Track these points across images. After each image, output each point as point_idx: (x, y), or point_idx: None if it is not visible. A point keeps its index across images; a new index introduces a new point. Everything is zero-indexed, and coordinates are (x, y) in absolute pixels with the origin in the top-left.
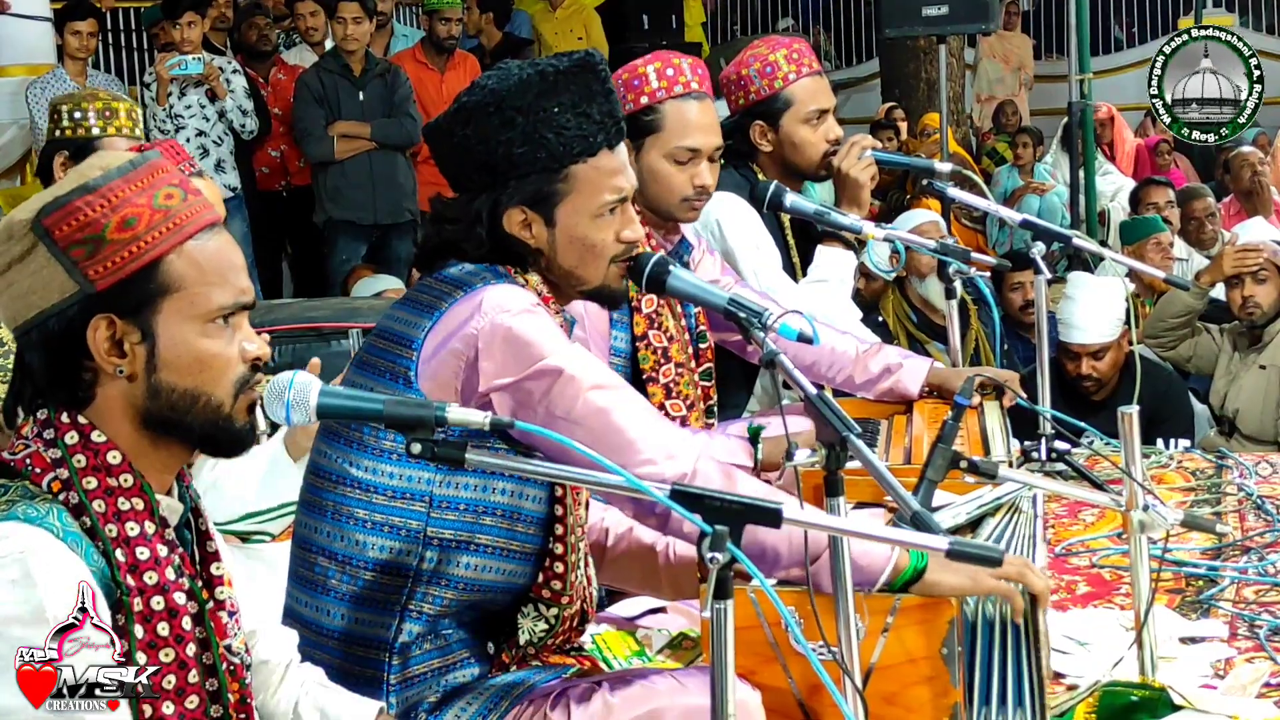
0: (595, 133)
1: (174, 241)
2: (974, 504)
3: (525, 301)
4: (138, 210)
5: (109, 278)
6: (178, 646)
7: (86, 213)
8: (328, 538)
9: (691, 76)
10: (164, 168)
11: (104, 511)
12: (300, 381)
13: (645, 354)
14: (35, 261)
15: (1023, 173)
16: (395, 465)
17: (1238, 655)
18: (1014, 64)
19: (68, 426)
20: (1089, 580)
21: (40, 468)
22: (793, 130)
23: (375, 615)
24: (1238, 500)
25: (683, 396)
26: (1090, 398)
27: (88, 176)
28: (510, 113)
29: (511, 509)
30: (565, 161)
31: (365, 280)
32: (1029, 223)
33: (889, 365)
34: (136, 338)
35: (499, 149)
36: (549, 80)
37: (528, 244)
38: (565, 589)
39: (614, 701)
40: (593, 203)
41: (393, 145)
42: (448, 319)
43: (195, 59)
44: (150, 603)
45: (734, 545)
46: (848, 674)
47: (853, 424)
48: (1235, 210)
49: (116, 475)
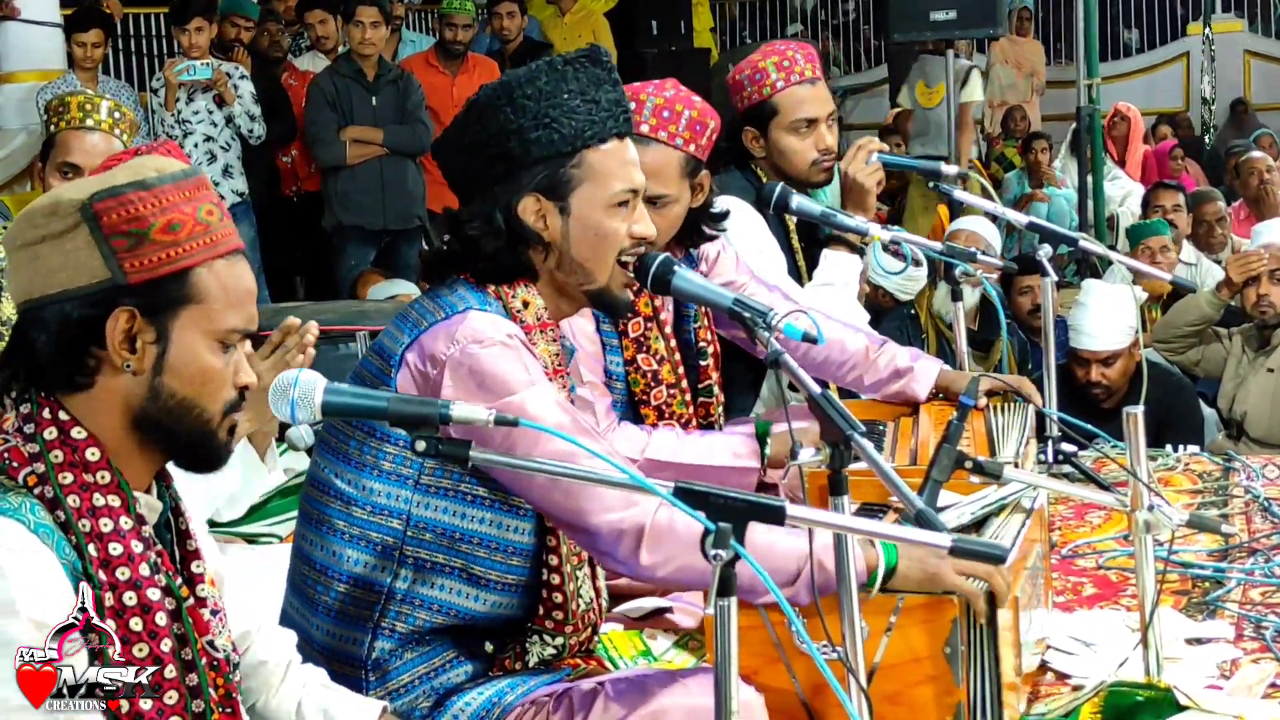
0: (605, 119)
1: (207, 256)
2: (979, 504)
3: (501, 333)
4: (183, 217)
5: (142, 274)
6: (151, 642)
7: (138, 207)
8: (311, 545)
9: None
10: (206, 185)
11: (78, 506)
12: (305, 379)
13: (635, 378)
14: (73, 241)
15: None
16: (377, 481)
17: (1243, 656)
18: (1026, 70)
19: (48, 422)
20: (1095, 582)
21: (18, 462)
22: (779, 138)
23: (349, 630)
24: (1244, 502)
25: (676, 416)
26: (1099, 405)
27: (144, 174)
28: (521, 100)
29: (491, 538)
30: (578, 145)
31: (380, 285)
32: (1036, 225)
33: (898, 368)
34: (151, 337)
35: (511, 138)
36: (557, 69)
37: (541, 235)
38: (568, 618)
39: (616, 702)
40: (606, 190)
41: (405, 152)
42: (426, 339)
43: (203, 64)
44: (122, 598)
45: (737, 542)
46: (852, 673)
47: (857, 423)
48: (1245, 215)
49: (94, 472)
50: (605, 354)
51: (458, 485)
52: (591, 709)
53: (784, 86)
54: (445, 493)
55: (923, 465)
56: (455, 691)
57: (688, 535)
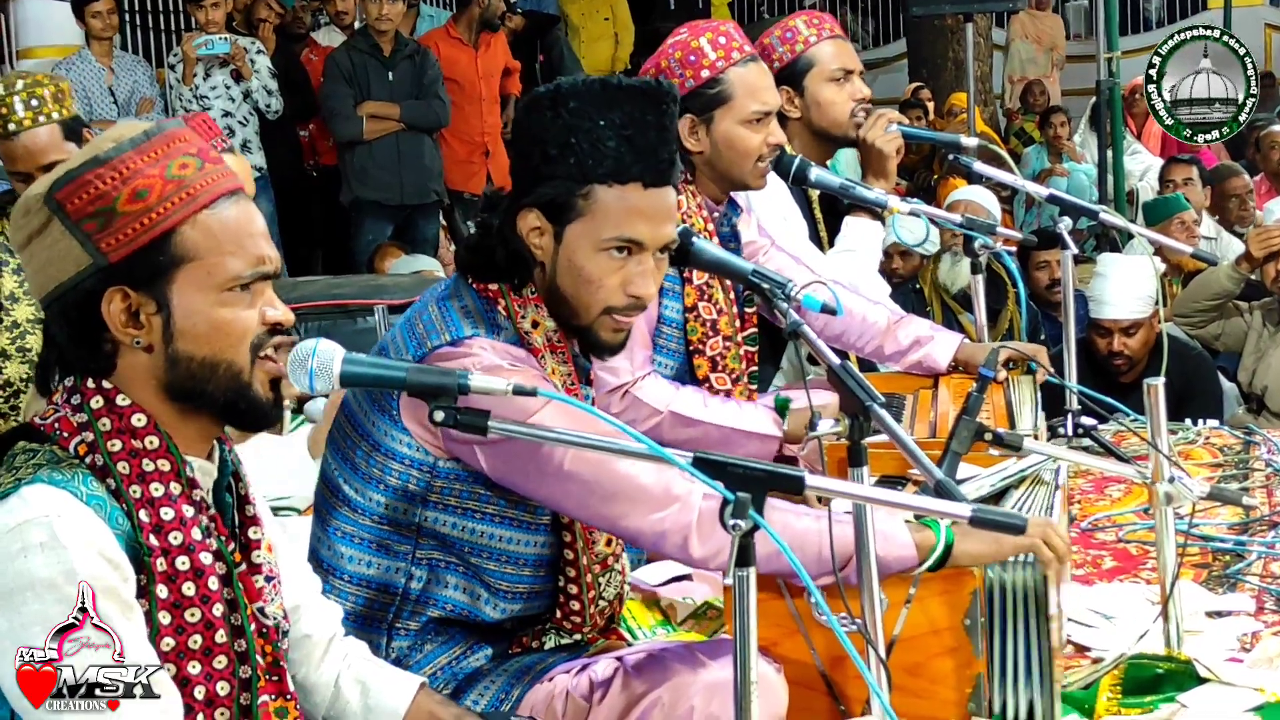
0: (633, 162)
1: (187, 212)
2: (999, 476)
3: (506, 361)
4: (149, 181)
5: (121, 250)
6: (204, 606)
7: (97, 185)
8: (318, 543)
9: (742, 40)
10: (182, 137)
11: (128, 473)
12: (324, 349)
13: (694, 325)
14: (50, 235)
15: (1055, 151)
16: (383, 495)
17: (1264, 629)
18: (1046, 44)
19: (93, 391)
20: (1115, 555)
21: (67, 431)
22: (818, 90)
23: (365, 633)
24: (1265, 475)
25: (728, 370)
26: (1119, 378)
27: (100, 149)
28: (561, 111)
29: (501, 552)
30: (592, 178)
31: (402, 259)
32: (1055, 197)
33: (919, 338)
34: (152, 308)
35: (537, 146)
36: (609, 92)
37: (534, 253)
38: (586, 620)
39: (635, 678)
40: (600, 232)
41: (422, 127)
42: (429, 363)
43: (221, 39)
44: (175, 563)
45: (756, 512)
46: (872, 645)
47: (876, 394)
48: (1266, 189)
49: (141, 438)
50: (661, 299)
51: (465, 503)
52: (611, 685)
53: (817, 40)
54: (454, 509)
55: (942, 438)
56: (475, 677)
57: None
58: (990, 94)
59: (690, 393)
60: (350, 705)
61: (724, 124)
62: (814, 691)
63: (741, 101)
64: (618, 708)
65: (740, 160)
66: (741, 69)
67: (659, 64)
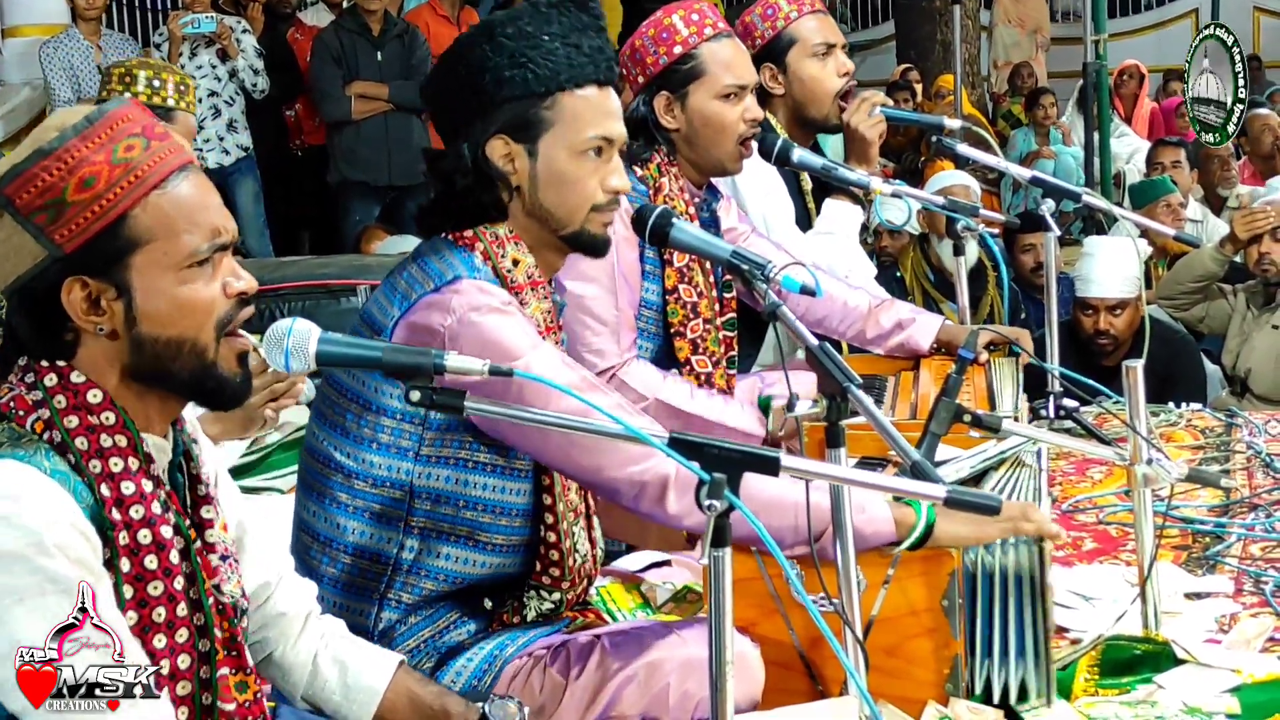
0: (585, 64)
1: (137, 195)
2: (978, 458)
3: (496, 300)
4: (95, 169)
5: (75, 240)
6: (166, 580)
7: (44, 178)
8: (313, 517)
9: (715, 17)
10: (125, 116)
11: (86, 449)
12: (300, 328)
13: (674, 308)
14: (3, 230)
15: (1042, 133)
16: (377, 454)
17: (1243, 610)
18: (1030, 27)
19: (46, 369)
20: (1095, 537)
21: (24, 410)
22: (800, 67)
23: (355, 601)
24: (1246, 458)
25: (708, 352)
26: (1102, 360)
27: (44, 139)
28: (500, 38)
29: (493, 503)
30: (552, 87)
31: (388, 240)
32: (1039, 180)
33: (900, 320)
34: (112, 294)
35: (487, 75)
36: (540, 11)
37: (508, 178)
38: (564, 575)
39: (612, 655)
40: (576, 136)
41: (410, 107)
42: (418, 312)
43: (207, 17)
44: (137, 536)
45: (731, 493)
46: (849, 626)
47: (854, 375)
48: (1251, 172)
49: (97, 413)
50: (642, 281)
51: (457, 453)
52: (588, 661)
53: (798, 16)
54: (446, 461)
55: (922, 419)
56: (457, 650)
57: None
58: (978, 76)
59: (677, 382)
60: (329, 684)
61: (698, 99)
62: (792, 672)
63: (715, 76)
64: (594, 683)
65: (717, 137)
66: (715, 44)
67: (633, 43)
